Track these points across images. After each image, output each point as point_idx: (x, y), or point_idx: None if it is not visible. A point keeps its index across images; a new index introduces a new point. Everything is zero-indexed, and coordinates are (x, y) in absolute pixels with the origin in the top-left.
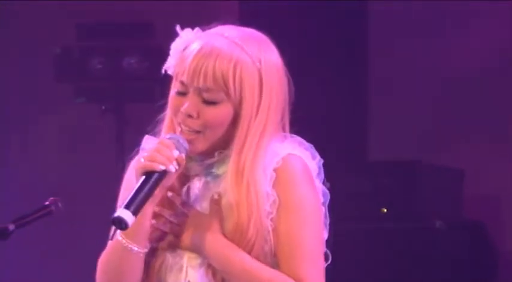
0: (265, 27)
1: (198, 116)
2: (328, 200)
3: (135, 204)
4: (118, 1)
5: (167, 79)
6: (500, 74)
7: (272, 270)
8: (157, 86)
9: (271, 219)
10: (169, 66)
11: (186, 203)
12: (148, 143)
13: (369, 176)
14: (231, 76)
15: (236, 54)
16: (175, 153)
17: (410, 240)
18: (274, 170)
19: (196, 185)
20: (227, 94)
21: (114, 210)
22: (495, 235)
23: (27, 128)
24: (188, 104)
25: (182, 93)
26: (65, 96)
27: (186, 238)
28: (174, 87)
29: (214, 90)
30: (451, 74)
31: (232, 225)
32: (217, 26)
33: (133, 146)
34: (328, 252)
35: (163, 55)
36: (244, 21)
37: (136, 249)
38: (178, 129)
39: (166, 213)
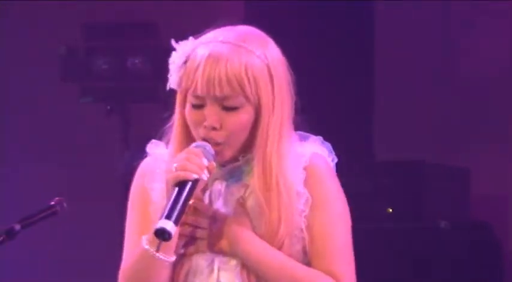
0: (270, 27)
1: (221, 127)
2: None
3: (176, 214)
4: (123, 1)
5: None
6: (508, 74)
7: (308, 268)
8: (162, 86)
9: (305, 217)
10: (173, 82)
11: (210, 207)
12: (154, 148)
13: (374, 176)
14: (245, 78)
15: (243, 55)
16: (205, 161)
17: (415, 240)
18: (304, 169)
19: (218, 188)
20: (246, 97)
21: (117, 211)
22: (500, 235)
23: (32, 127)
24: (210, 117)
25: (198, 106)
26: (70, 96)
27: (218, 241)
28: (188, 102)
29: (232, 96)
30: (457, 73)
31: (263, 225)
32: (206, 30)
33: (138, 146)
34: None
35: (168, 55)
36: (249, 21)
37: (163, 258)
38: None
39: (190, 219)
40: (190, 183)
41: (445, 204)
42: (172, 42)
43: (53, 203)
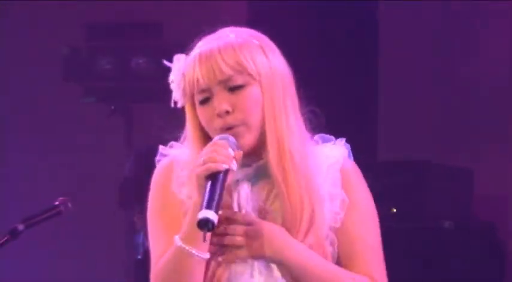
0: (273, 27)
1: (234, 109)
2: None
3: (215, 204)
4: (126, 1)
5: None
6: (509, 74)
7: (348, 271)
8: (165, 86)
9: (340, 219)
10: (178, 97)
11: (243, 214)
12: (169, 149)
13: (377, 176)
14: (241, 55)
15: (234, 40)
16: (231, 151)
17: (419, 240)
18: (340, 171)
19: (245, 191)
20: (248, 74)
21: (119, 210)
22: (503, 235)
23: (35, 127)
24: (219, 104)
25: (205, 100)
26: (73, 96)
27: (258, 248)
28: (196, 102)
29: (234, 75)
30: (459, 74)
31: (284, 207)
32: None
33: (142, 146)
34: None
35: (172, 55)
36: (252, 21)
37: (196, 254)
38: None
39: (225, 228)
40: (221, 174)
41: (448, 204)
42: (166, 62)
43: (57, 203)
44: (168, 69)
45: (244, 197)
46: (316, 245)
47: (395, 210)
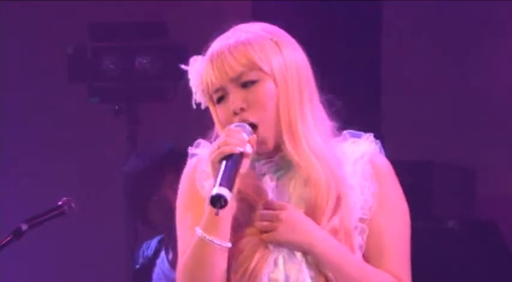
0: (277, 27)
1: (248, 105)
2: None
3: (228, 181)
4: (130, 1)
5: (180, 79)
6: None
7: (371, 266)
8: (170, 86)
9: (369, 209)
10: (201, 98)
11: (274, 201)
12: (196, 149)
13: None
14: (253, 52)
15: (245, 37)
16: (245, 136)
17: (422, 240)
18: (370, 164)
19: (269, 182)
20: (260, 69)
21: (124, 210)
22: (508, 234)
23: (40, 128)
24: (234, 101)
25: (221, 98)
26: (77, 96)
27: (280, 232)
28: (214, 101)
29: (246, 71)
30: (465, 73)
31: (306, 193)
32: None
33: (146, 145)
34: None
35: (176, 54)
36: (257, 21)
37: (217, 242)
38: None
39: (246, 217)
40: (235, 156)
41: (453, 204)
42: (183, 67)
43: (60, 203)
44: (173, 69)
45: (269, 190)
46: (341, 231)
47: None
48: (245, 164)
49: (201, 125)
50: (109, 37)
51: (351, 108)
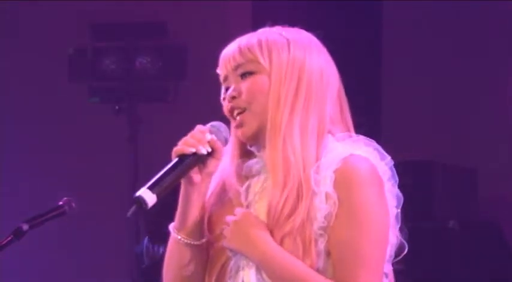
0: (278, 26)
1: (239, 94)
2: (401, 204)
3: (159, 185)
4: (130, 1)
5: (180, 79)
6: None
7: (320, 276)
8: (170, 86)
9: (325, 217)
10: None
11: (235, 204)
12: None
13: None
14: (257, 46)
15: (260, 33)
16: (208, 136)
17: (423, 240)
18: (334, 172)
19: (255, 182)
20: (258, 62)
21: (124, 210)
22: (508, 234)
23: (41, 127)
24: (230, 89)
25: (227, 89)
26: (78, 96)
27: (233, 240)
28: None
29: (245, 63)
30: (465, 74)
31: (269, 190)
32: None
33: (147, 146)
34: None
35: (176, 55)
36: (256, 20)
37: (185, 240)
38: (233, 123)
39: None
40: (188, 157)
41: (452, 204)
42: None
43: (61, 203)
44: (172, 69)
45: (253, 188)
46: (297, 237)
47: (399, 210)
48: (211, 163)
49: (201, 124)
50: (109, 37)
51: (351, 109)
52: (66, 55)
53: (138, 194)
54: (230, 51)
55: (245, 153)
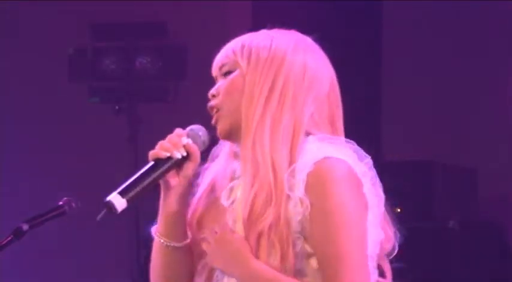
0: (277, 27)
1: (218, 92)
2: (383, 202)
3: (131, 191)
4: (130, 1)
5: (180, 79)
6: None
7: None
8: (170, 86)
9: (299, 222)
10: None
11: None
12: None
13: (382, 176)
14: (240, 47)
15: (248, 36)
16: (185, 140)
17: (424, 240)
18: (307, 175)
19: (240, 185)
20: (238, 63)
21: (124, 210)
22: (508, 234)
23: (41, 127)
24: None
25: None
26: (78, 97)
27: (214, 258)
28: None
29: (227, 63)
30: (465, 74)
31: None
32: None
33: (147, 146)
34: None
35: (176, 55)
36: (256, 20)
37: (166, 243)
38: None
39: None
40: (163, 161)
41: (453, 204)
42: None
43: (61, 203)
44: (172, 69)
45: (235, 192)
46: (271, 240)
47: (399, 210)
48: (187, 167)
49: (201, 124)
50: (109, 37)
51: (351, 109)
52: (66, 55)
53: (108, 198)
54: (219, 53)
55: (237, 154)
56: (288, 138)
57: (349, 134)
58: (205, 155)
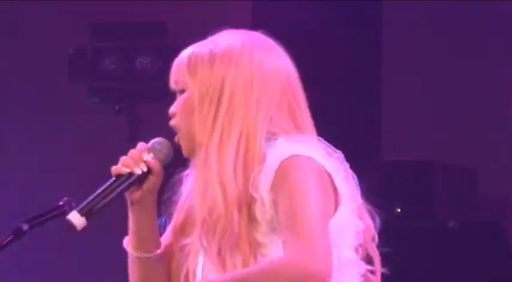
0: (277, 27)
1: (175, 112)
2: (356, 201)
3: (91, 208)
4: (130, 1)
5: None
6: None
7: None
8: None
9: (275, 220)
10: None
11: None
12: None
13: (382, 176)
14: (187, 63)
15: (192, 49)
16: (146, 156)
17: (423, 240)
18: (275, 172)
19: None
20: (185, 81)
21: (124, 211)
22: (508, 234)
23: (41, 128)
24: None
25: None
26: (78, 97)
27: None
28: None
29: (178, 80)
30: (465, 74)
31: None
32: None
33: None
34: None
35: (176, 55)
36: (256, 20)
37: (137, 254)
38: None
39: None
40: (124, 177)
41: (452, 204)
42: None
43: (61, 203)
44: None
45: None
46: (241, 245)
47: (400, 210)
48: (149, 181)
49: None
50: (109, 37)
51: (351, 109)
52: (66, 55)
53: (67, 217)
54: (172, 71)
55: None
56: (242, 150)
57: (349, 133)
58: (186, 161)
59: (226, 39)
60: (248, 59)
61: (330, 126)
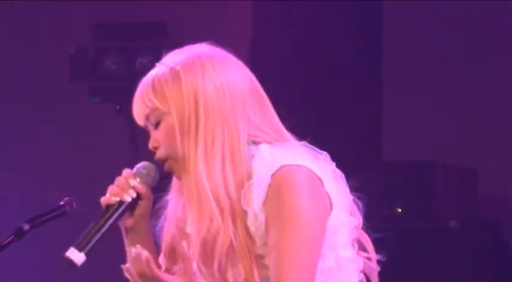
0: (278, 27)
1: (159, 144)
2: (347, 199)
3: (88, 243)
4: (131, 1)
5: None
6: None
7: None
8: None
9: (264, 239)
10: None
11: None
12: None
13: (383, 176)
14: (153, 93)
15: (152, 77)
16: (132, 182)
17: (424, 240)
18: (268, 186)
19: None
20: (159, 109)
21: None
22: (509, 234)
23: (42, 127)
24: (150, 140)
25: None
26: (79, 97)
27: None
28: None
29: (150, 113)
30: (465, 74)
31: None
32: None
33: (147, 146)
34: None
35: None
36: (256, 20)
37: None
38: None
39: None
40: (115, 206)
41: (453, 203)
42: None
43: (62, 203)
44: None
45: None
46: (239, 258)
47: (400, 210)
48: (141, 206)
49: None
50: (110, 37)
51: (352, 109)
52: (66, 55)
53: (66, 254)
54: (136, 106)
55: None
56: (228, 156)
57: (350, 134)
58: (167, 184)
59: (180, 55)
60: (211, 66)
61: (331, 126)
